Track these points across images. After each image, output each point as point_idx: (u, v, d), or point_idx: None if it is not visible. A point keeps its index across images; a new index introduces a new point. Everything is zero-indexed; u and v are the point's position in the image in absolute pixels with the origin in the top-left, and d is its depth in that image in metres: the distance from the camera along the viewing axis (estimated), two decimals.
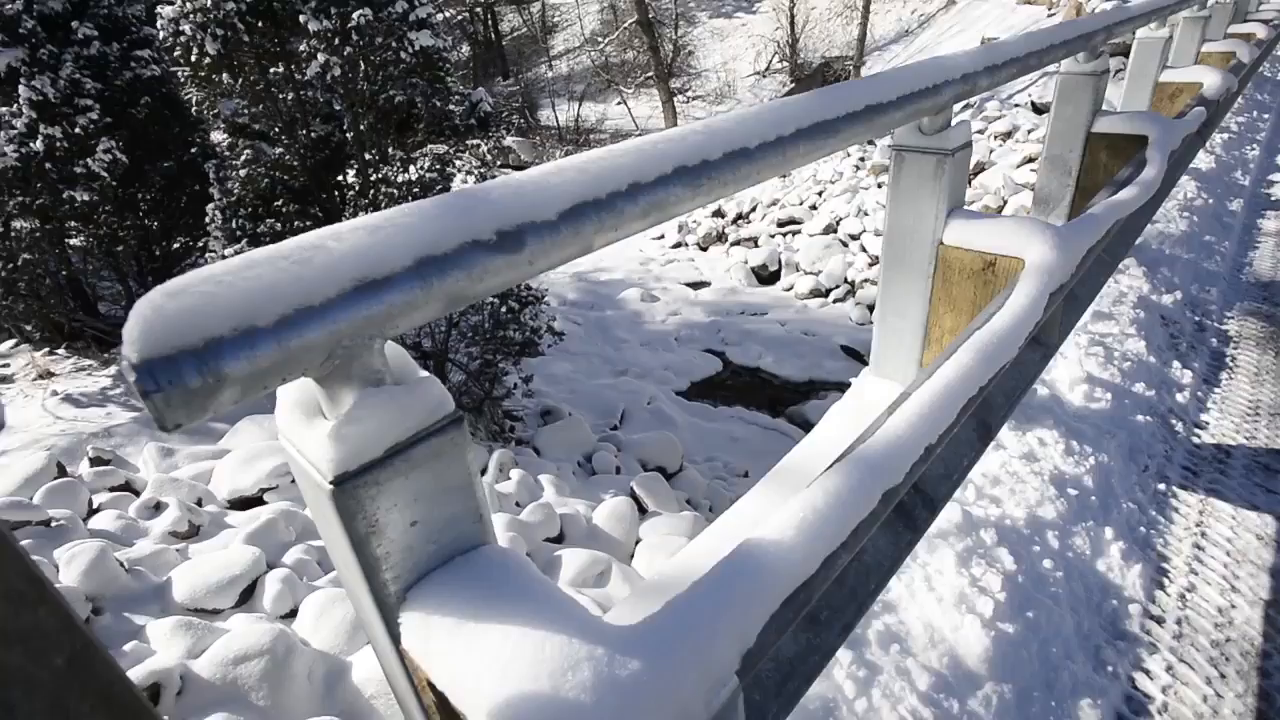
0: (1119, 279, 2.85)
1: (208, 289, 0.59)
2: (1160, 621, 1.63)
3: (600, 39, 23.51)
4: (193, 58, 7.01)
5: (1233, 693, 1.47)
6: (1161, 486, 1.99)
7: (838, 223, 12.43)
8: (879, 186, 12.64)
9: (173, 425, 0.58)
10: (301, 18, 6.92)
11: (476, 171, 9.65)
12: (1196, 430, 2.24)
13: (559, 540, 6.25)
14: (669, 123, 20.92)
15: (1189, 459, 2.11)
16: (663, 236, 15.64)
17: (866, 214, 12.14)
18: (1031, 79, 13.41)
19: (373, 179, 7.98)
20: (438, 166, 8.12)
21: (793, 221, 13.11)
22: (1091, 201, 2.12)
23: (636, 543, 6.36)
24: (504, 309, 9.31)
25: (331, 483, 0.66)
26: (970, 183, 11.62)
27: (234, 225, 7.51)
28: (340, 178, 8.35)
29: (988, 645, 1.42)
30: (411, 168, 8.54)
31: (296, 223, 7.80)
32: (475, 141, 9.70)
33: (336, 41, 7.03)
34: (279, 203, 7.70)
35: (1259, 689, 1.48)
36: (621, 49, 24.93)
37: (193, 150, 9.46)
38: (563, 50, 32.19)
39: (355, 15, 6.92)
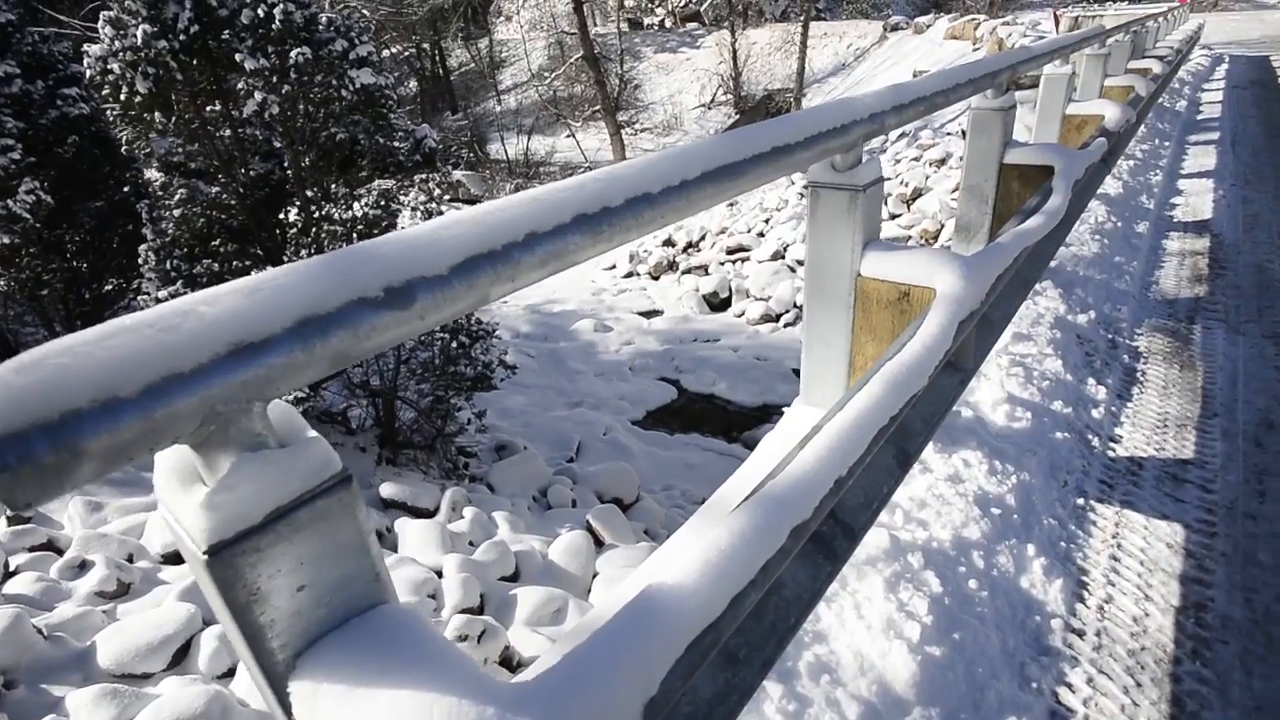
0: (1037, 301, 2.99)
1: (64, 360, 0.58)
2: (1081, 634, 1.68)
3: (548, 74, 23.84)
4: (123, 96, 6.84)
5: (1148, 700, 1.52)
6: (1080, 501, 2.07)
7: (785, 249, 12.72)
8: None
9: (23, 504, 0.56)
10: (238, 56, 6.83)
11: (423, 207, 9.60)
12: (1111, 444, 2.35)
13: (514, 578, 6.12)
14: (617, 154, 21.23)
15: (1105, 472, 2.21)
16: (614, 266, 15.75)
17: None
18: (960, 109, 14.08)
19: (315, 216, 7.86)
20: (382, 203, 8.04)
21: (741, 249, 13.38)
22: (1001, 230, 2.23)
23: (594, 576, 6.27)
24: (454, 344, 9.21)
25: (206, 552, 0.65)
26: (909, 207, 12.08)
27: (168, 266, 7.28)
28: (281, 216, 8.20)
29: (915, 670, 1.44)
30: (356, 204, 8.44)
31: (235, 262, 7.60)
32: (422, 176, 9.68)
33: (275, 79, 6.96)
34: (216, 242, 7.51)
35: (1171, 695, 1.54)
36: (569, 83, 25.31)
37: (125, 189, 9.18)
38: (511, 85, 32.49)
39: (294, 54, 6.87)
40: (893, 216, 12.10)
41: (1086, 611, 1.74)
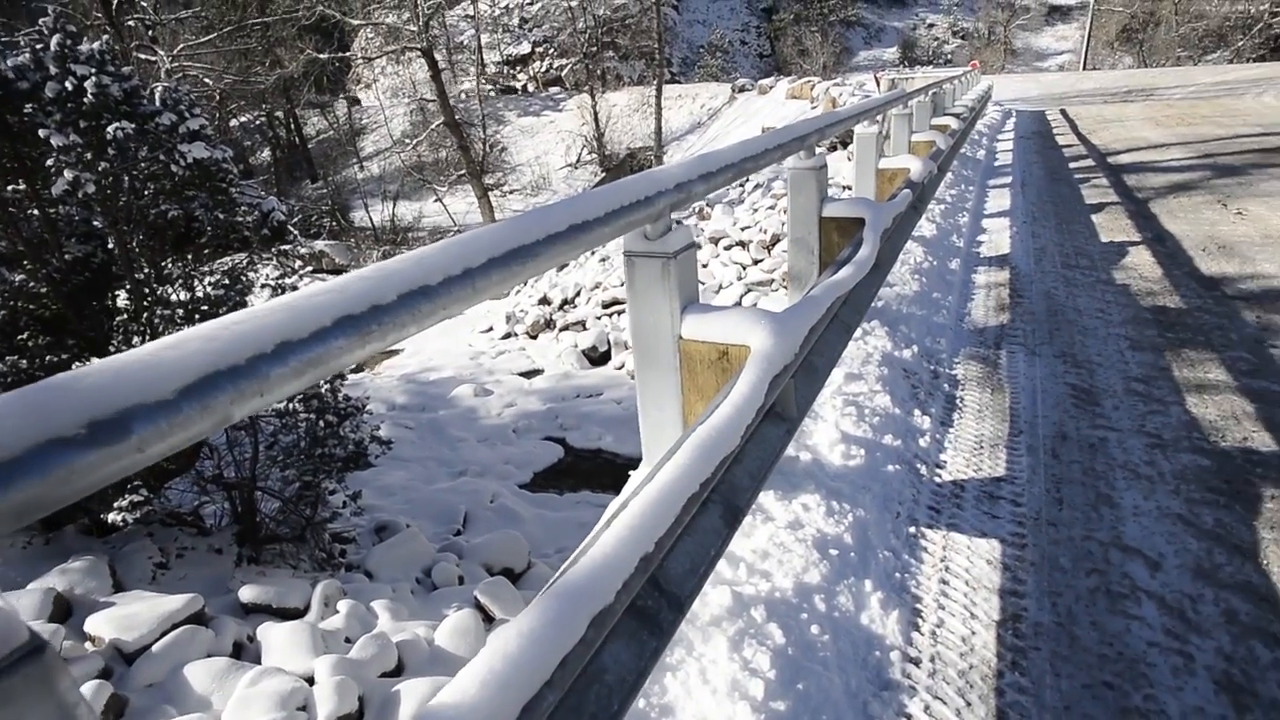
0: (867, 340, 3.22)
1: None
2: (917, 663, 1.76)
3: (409, 140, 23.63)
4: None
5: (975, 718, 1.61)
6: (912, 530, 2.21)
7: None
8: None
9: None
10: (43, 132, 6.25)
11: (275, 282, 9.08)
12: (937, 470, 2.53)
13: (398, 672, 5.69)
14: (486, 217, 21.22)
15: (932, 498, 2.37)
16: (491, 329, 15.56)
17: None
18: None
19: (148, 301, 7.21)
20: (226, 282, 7.52)
21: (617, 302, 13.62)
22: (815, 280, 2.40)
23: None
24: (321, 424, 8.64)
25: None
26: (769, 252, 12.83)
27: None
28: (108, 302, 7.45)
29: None
30: (197, 284, 7.84)
31: (49, 356, 6.78)
32: (278, 249, 9.18)
33: (90, 156, 6.40)
34: (24, 336, 6.68)
35: (996, 709, 1.63)
36: (434, 149, 25.18)
37: None
38: (373, 151, 31.87)
39: (112, 129, 6.37)
40: (755, 262, 12.82)
41: (921, 639, 1.83)
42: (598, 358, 12.90)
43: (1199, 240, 5.20)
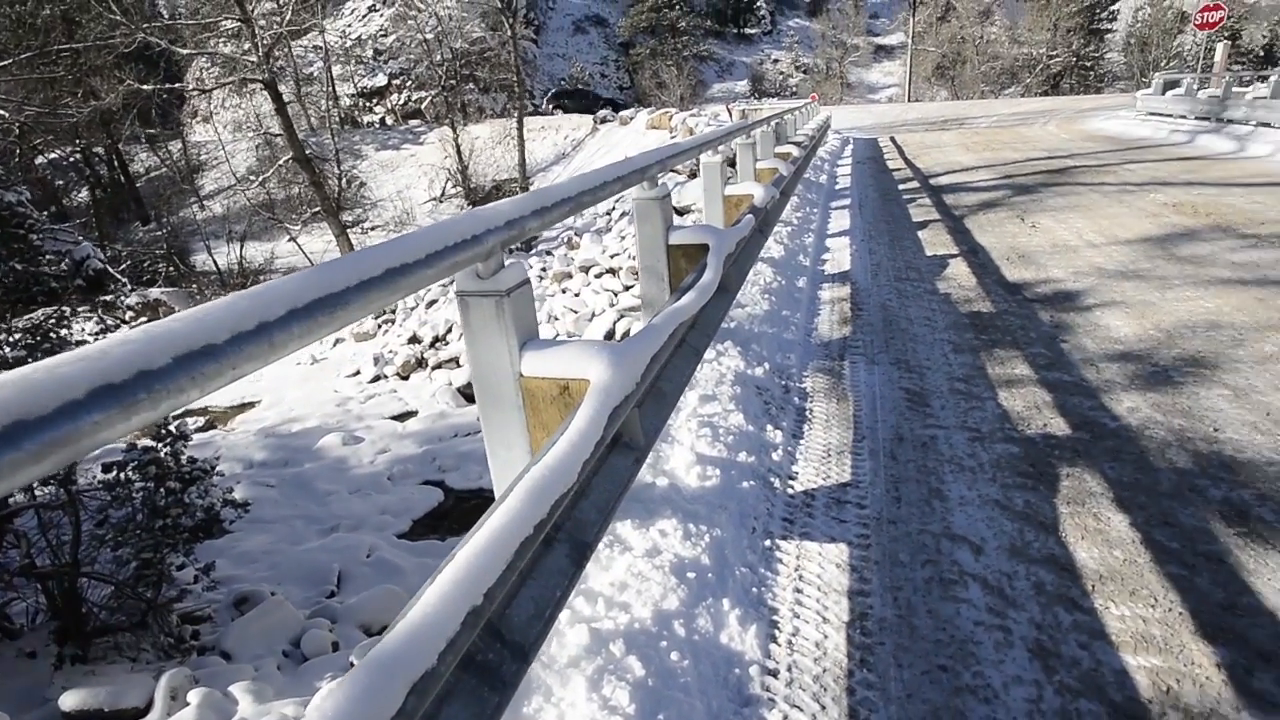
0: (721, 361, 3.34)
1: None
2: (775, 674, 1.82)
3: (255, 176, 22.12)
4: None
5: None
6: (767, 543, 2.29)
7: None
8: (563, 292, 13.59)
9: None
10: None
11: (95, 338, 8.09)
12: (790, 482, 2.66)
13: None
14: (345, 254, 20.16)
15: (786, 510, 2.48)
16: (358, 373, 14.74)
17: (556, 319, 12.89)
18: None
19: None
20: (30, 341, 6.61)
21: None
22: (660, 308, 2.46)
23: None
24: (161, 492, 7.76)
25: None
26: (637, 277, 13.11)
27: None
28: None
29: None
30: None
31: None
32: (91, 304, 8.21)
33: None
34: None
35: (848, 709, 1.71)
36: (284, 185, 23.72)
37: None
38: (215, 189, 29.54)
39: None
40: (626, 288, 13.03)
41: (779, 650, 1.89)
42: (473, 394, 12.52)
43: (1004, 251, 5.88)
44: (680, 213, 14.88)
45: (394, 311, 16.76)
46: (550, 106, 38.06)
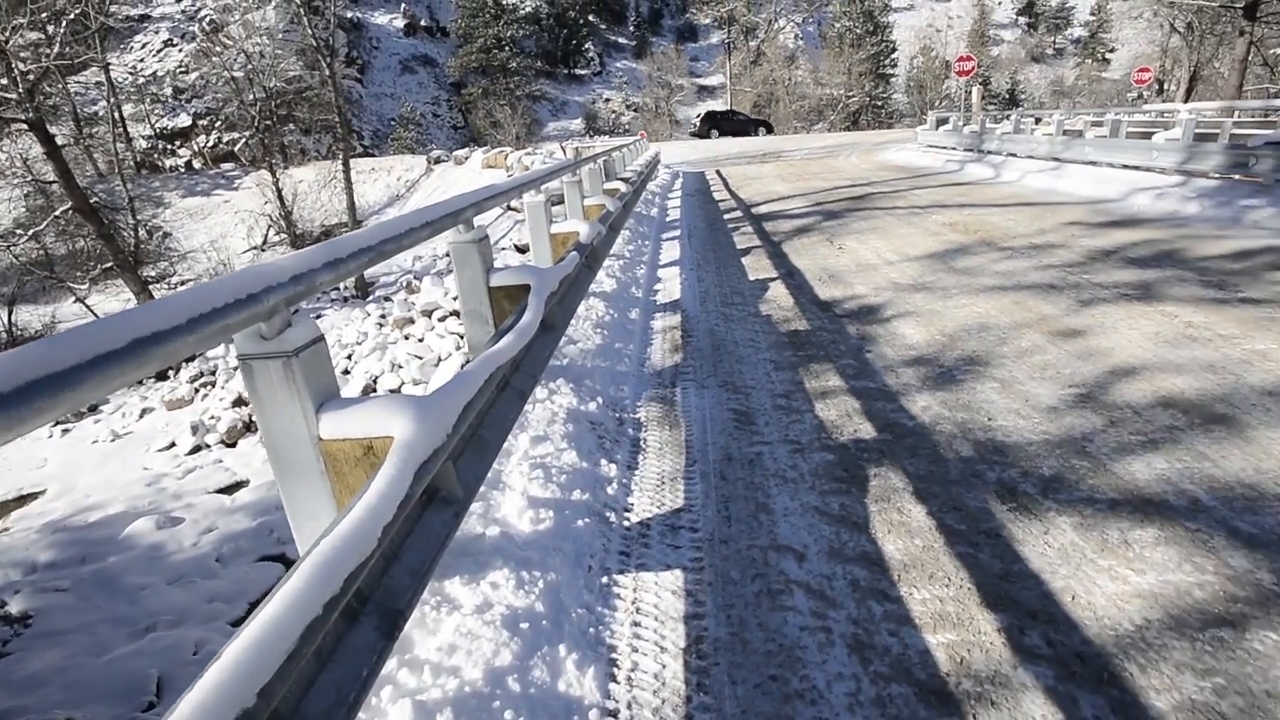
0: (554, 400, 3.33)
1: None
2: (615, 715, 1.80)
3: (24, 229, 19.21)
4: None
5: None
6: (604, 580, 2.28)
7: (375, 381, 12.24)
8: (405, 339, 12.99)
9: None
10: None
11: None
12: (625, 514, 2.68)
13: None
14: None
15: (622, 543, 2.50)
16: (173, 445, 13.07)
17: (400, 366, 12.28)
18: (507, 228, 15.73)
19: None
20: None
21: None
22: (473, 354, 2.41)
23: None
24: None
25: None
26: None
27: None
28: None
29: None
30: None
31: None
32: None
33: None
34: None
35: None
36: (65, 239, 20.78)
37: None
38: None
39: None
40: None
41: (618, 688, 1.88)
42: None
43: (816, 272, 6.43)
44: (522, 250, 14.85)
45: (214, 373, 15.16)
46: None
